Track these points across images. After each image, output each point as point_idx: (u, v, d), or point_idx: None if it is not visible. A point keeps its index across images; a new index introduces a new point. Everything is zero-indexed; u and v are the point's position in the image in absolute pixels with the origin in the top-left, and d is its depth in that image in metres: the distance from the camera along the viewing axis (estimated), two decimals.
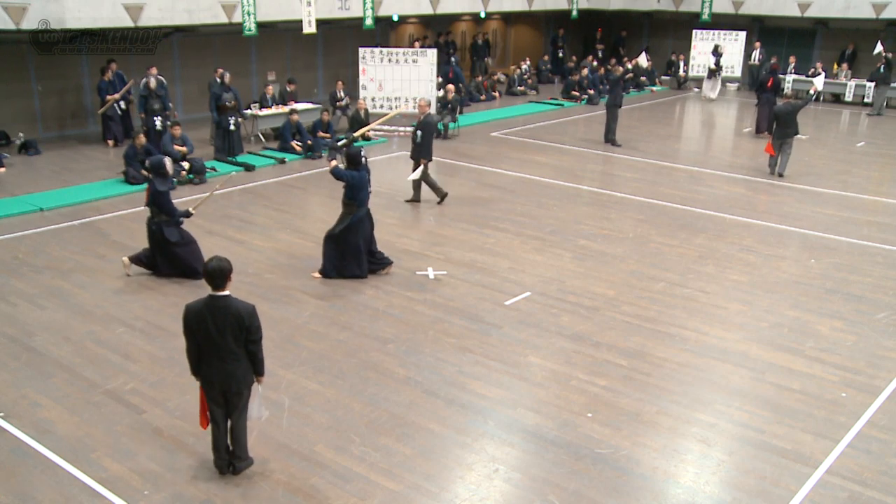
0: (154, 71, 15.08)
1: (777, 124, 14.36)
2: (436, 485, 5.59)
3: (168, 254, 9.05)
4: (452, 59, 21.86)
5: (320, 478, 5.62)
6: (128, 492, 5.42)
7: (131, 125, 15.68)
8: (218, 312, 5.24)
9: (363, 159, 9.11)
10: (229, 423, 5.49)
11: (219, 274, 5.26)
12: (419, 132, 12.06)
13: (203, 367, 5.36)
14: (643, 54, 21.30)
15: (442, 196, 12.32)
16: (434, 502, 5.42)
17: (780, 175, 14.37)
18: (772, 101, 18.10)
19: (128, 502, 5.33)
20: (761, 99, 18.60)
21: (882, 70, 21.26)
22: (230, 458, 5.57)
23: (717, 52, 23.00)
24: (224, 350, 5.27)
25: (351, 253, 9.14)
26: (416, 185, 12.30)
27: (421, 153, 12.06)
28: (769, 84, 18.37)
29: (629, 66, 20.72)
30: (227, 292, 5.31)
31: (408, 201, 12.38)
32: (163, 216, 8.92)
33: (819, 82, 18.56)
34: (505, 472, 5.77)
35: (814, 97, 18.33)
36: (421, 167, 12.03)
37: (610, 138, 16.95)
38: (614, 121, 16.90)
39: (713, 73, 23.20)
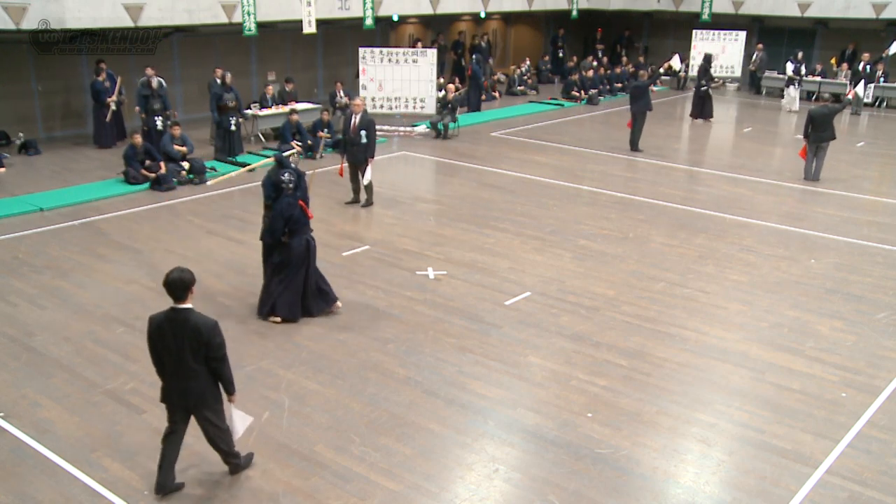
0: (150, 71, 15.03)
1: (812, 128, 13.89)
2: (436, 485, 5.59)
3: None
4: (473, 56, 21.82)
5: (320, 478, 5.62)
6: (128, 492, 5.43)
7: (123, 127, 15.66)
8: (177, 326, 5.00)
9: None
10: (206, 441, 5.34)
11: (179, 285, 4.99)
12: (363, 132, 11.58)
13: (165, 380, 5.20)
14: (675, 56, 21.24)
15: (355, 199, 12.15)
16: (434, 502, 5.42)
17: (816, 179, 14.15)
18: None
19: (128, 502, 5.33)
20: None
21: (868, 70, 21.28)
22: (224, 460, 5.46)
23: (796, 60, 21.90)
24: (182, 365, 5.05)
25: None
26: (367, 186, 12.06)
27: (367, 152, 11.70)
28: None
29: (661, 70, 20.70)
30: (188, 305, 5.06)
31: (347, 203, 12.21)
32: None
33: (860, 88, 18.43)
34: (505, 472, 5.77)
35: (851, 101, 18.23)
36: (370, 168, 11.83)
37: (635, 146, 16.55)
38: (641, 128, 16.50)
39: (791, 82, 21.71)
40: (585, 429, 6.31)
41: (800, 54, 22.60)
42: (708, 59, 19.97)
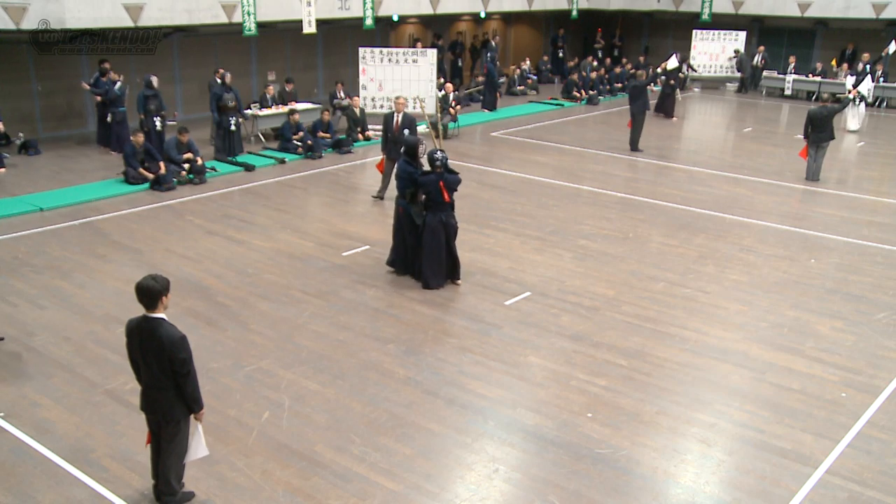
0: (115, 75, 14.89)
1: (812, 128, 13.82)
2: (436, 485, 5.59)
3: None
4: (489, 55, 21.82)
5: (320, 478, 5.62)
6: (128, 492, 5.43)
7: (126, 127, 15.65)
8: (145, 335, 4.87)
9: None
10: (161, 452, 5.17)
11: (146, 294, 4.81)
12: (406, 130, 11.78)
13: (141, 387, 5.08)
14: (673, 56, 21.30)
15: (380, 195, 12.41)
16: (434, 502, 5.42)
17: (816, 179, 14.08)
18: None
19: (128, 502, 5.33)
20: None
21: (868, 68, 21.29)
22: (156, 491, 5.27)
23: (857, 72, 20.05)
24: (149, 376, 4.94)
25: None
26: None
27: None
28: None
29: (658, 70, 20.78)
30: (159, 315, 4.87)
31: (374, 196, 12.49)
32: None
33: (863, 87, 18.22)
34: (505, 472, 5.77)
35: (851, 101, 18.12)
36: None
37: (635, 146, 16.50)
38: (641, 128, 16.47)
39: (854, 98, 19.07)
40: (585, 429, 6.31)
41: (860, 65, 20.55)
42: (683, 60, 20.24)
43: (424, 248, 8.85)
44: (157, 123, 14.45)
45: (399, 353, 7.50)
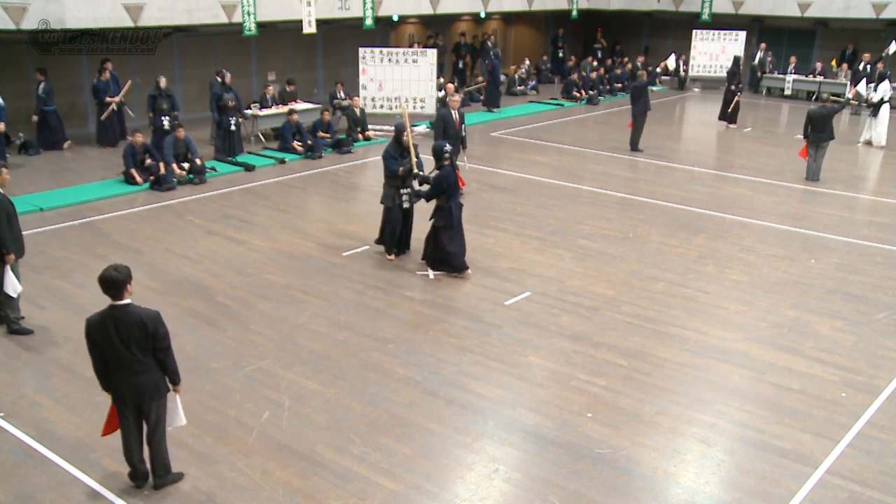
0: (40, 76, 14.90)
1: (812, 129, 13.83)
2: (436, 485, 5.59)
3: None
4: (492, 52, 21.82)
5: (320, 478, 5.62)
6: (128, 492, 5.43)
7: (124, 126, 15.66)
8: (121, 322, 4.99)
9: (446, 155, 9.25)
10: (145, 437, 5.32)
11: (111, 284, 4.97)
12: (464, 125, 12.50)
13: (113, 380, 5.16)
14: (672, 56, 21.17)
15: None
16: (434, 502, 5.42)
17: (816, 179, 14.07)
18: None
19: (127, 502, 5.33)
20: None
21: (868, 69, 21.27)
22: (150, 473, 5.43)
23: (872, 78, 17.91)
24: (131, 361, 5.06)
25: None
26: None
27: (464, 143, 12.59)
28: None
29: (658, 69, 20.68)
30: (127, 301, 5.03)
31: None
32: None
33: (862, 87, 18.14)
34: (505, 472, 5.77)
35: (850, 101, 17.97)
36: (465, 155, 12.68)
37: (635, 146, 16.46)
38: (641, 128, 16.42)
39: (880, 106, 16.69)
40: (585, 429, 6.31)
41: (878, 68, 18.42)
42: (737, 62, 19.44)
43: (452, 235, 9.19)
44: (165, 123, 14.43)
45: (399, 353, 7.50)
